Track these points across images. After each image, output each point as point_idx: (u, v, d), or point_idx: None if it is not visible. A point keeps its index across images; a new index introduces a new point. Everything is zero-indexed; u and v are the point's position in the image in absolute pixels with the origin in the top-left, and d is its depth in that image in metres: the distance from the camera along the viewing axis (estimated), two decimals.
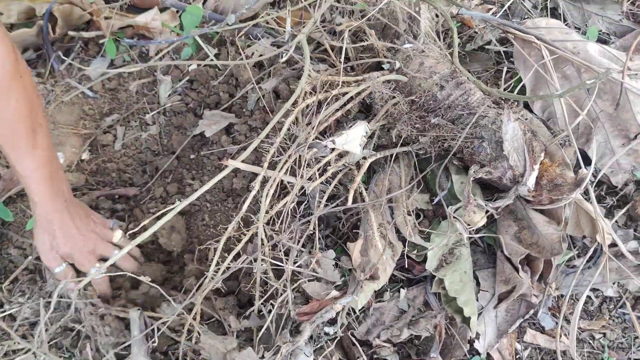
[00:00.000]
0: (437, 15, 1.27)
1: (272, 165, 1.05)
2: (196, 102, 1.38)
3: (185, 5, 1.45)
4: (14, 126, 0.92)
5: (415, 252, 1.08)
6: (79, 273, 1.10)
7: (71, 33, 1.46)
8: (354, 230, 1.12)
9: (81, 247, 1.08)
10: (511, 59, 1.29)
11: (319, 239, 1.05)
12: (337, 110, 1.08)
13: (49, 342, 1.05)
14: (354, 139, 1.01)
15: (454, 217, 1.02)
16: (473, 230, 1.03)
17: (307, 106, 1.05)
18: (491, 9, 1.41)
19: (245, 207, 1.03)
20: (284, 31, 1.34)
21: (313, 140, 1.01)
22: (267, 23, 1.39)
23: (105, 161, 1.35)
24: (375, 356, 1.05)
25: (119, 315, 1.07)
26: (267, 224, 1.04)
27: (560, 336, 1.08)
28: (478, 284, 1.08)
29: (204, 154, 1.31)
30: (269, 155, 1.03)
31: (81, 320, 1.06)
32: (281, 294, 1.02)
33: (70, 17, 1.44)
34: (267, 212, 1.03)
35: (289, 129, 1.03)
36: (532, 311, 1.05)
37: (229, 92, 1.35)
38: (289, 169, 1.05)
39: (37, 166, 0.98)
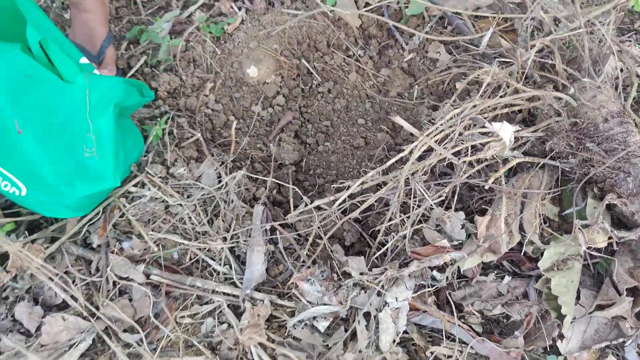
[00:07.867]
0: (621, 70, 1.38)
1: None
2: None
3: None
4: None
5: (531, 249, 1.17)
6: None
7: None
8: (482, 209, 1.24)
9: None
10: None
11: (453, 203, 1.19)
12: (506, 106, 1.23)
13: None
14: (507, 131, 1.14)
15: (578, 229, 1.11)
16: (592, 248, 1.11)
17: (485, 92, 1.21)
18: None
19: (392, 160, 1.19)
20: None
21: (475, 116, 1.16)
22: None
23: None
24: (462, 320, 1.14)
25: None
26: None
27: None
28: (578, 298, 1.14)
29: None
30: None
31: None
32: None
33: None
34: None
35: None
36: (621, 340, 1.09)
37: None
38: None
39: None
